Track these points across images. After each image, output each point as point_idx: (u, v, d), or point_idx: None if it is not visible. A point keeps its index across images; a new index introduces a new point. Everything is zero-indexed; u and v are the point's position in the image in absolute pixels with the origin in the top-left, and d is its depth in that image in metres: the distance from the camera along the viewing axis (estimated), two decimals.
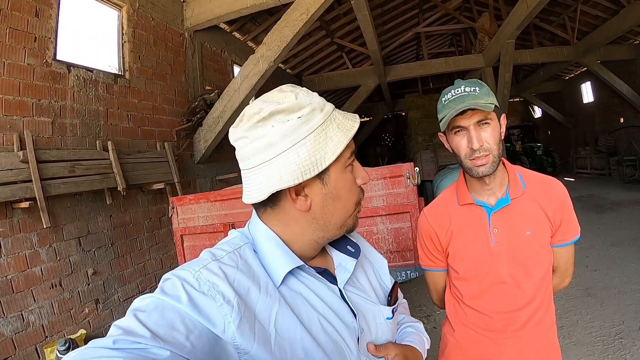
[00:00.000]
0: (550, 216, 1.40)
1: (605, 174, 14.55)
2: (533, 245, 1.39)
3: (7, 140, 3.61)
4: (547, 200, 1.41)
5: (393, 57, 15.36)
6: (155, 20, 5.81)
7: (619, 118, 14.49)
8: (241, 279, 0.74)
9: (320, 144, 0.77)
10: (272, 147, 0.76)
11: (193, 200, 4.04)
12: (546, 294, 1.45)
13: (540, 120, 22.23)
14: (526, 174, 1.48)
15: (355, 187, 0.86)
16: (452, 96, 1.33)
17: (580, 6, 10.68)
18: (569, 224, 1.42)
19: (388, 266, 1.10)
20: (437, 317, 4.62)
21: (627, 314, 4.00)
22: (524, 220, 1.40)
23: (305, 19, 5.95)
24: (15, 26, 3.76)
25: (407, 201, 3.41)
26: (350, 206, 0.86)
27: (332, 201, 0.82)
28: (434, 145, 14.11)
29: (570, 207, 1.43)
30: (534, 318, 1.41)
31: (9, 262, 3.52)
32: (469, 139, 1.32)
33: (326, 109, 0.80)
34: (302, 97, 0.79)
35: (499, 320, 1.44)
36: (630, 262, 5.40)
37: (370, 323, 0.89)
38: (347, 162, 0.83)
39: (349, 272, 0.90)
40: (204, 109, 6.39)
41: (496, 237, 1.40)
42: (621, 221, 7.75)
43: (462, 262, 1.49)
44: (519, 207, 1.41)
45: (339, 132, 0.79)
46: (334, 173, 0.81)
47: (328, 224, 0.84)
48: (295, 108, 0.77)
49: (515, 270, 1.40)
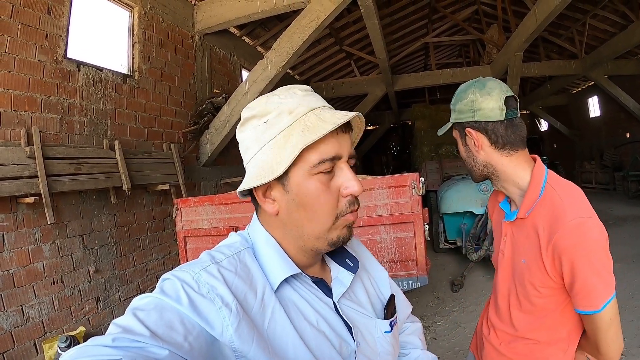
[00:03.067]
0: (546, 261, 1.16)
1: (610, 189, 14.46)
2: (524, 276, 1.24)
3: (15, 136, 3.64)
4: (547, 236, 1.16)
5: (401, 67, 15.38)
6: (166, 22, 5.86)
7: (625, 133, 14.43)
8: (239, 283, 0.74)
9: (280, 148, 0.76)
10: (248, 150, 0.81)
11: (197, 203, 4.05)
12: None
13: (546, 133, 22.16)
14: (550, 193, 1.20)
15: (328, 197, 0.78)
16: None
17: (589, 20, 10.68)
18: (582, 287, 1.10)
19: (390, 276, 1.08)
20: (437, 328, 4.60)
21: (628, 330, 3.96)
22: (522, 245, 1.27)
23: (315, 25, 5.97)
24: (27, 22, 3.80)
25: (411, 211, 3.41)
26: (321, 218, 0.79)
27: (297, 209, 0.79)
28: (439, 156, 14.07)
29: (582, 262, 1.08)
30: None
31: (11, 256, 3.53)
32: None
33: (296, 112, 0.77)
34: (271, 102, 0.79)
35: (486, 326, 1.47)
36: (632, 278, 5.36)
37: (367, 337, 0.87)
38: (315, 169, 0.76)
39: (345, 286, 0.88)
40: (212, 112, 6.42)
41: (503, 244, 1.38)
42: (624, 237, 7.68)
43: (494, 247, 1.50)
44: (524, 230, 1.26)
45: (302, 136, 0.74)
46: (296, 179, 0.77)
47: (301, 234, 0.81)
48: (264, 113, 0.79)
49: (510, 287, 1.33)
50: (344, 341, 0.82)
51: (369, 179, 3.67)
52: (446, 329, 4.58)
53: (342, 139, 0.80)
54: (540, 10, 7.41)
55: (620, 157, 14.26)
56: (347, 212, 0.80)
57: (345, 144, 0.80)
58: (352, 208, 0.81)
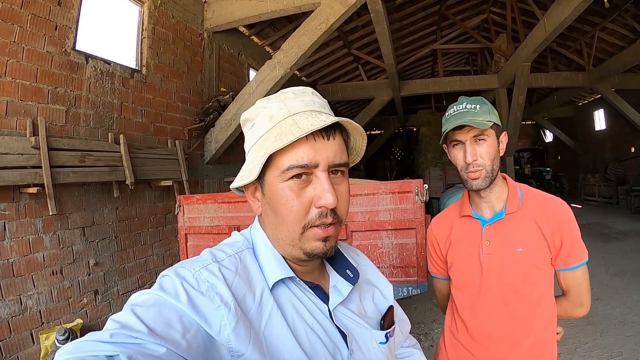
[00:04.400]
0: (547, 236, 1.38)
1: (613, 203, 14.44)
2: (524, 264, 1.39)
3: (21, 125, 3.65)
4: (545, 219, 1.39)
5: (408, 72, 15.38)
6: (176, 18, 5.87)
7: (630, 147, 14.42)
8: (239, 283, 0.74)
9: (259, 152, 0.78)
10: (246, 150, 0.86)
11: (200, 200, 4.05)
12: (546, 333, 1.43)
13: (551, 144, 22.16)
14: (528, 192, 1.48)
15: (297, 204, 0.76)
16: (454, 112, 1.41)
17: (597, 33, 10.69)
18: (572, 247, 1.39)
19: (390, 282, 1.07)
20: (434, 336, 4.58)
21: (626, 345, 3.95)
22: (516, 236, 1.41)
23: (325, 28, 5.98)
24: (37, 13, 3.81)
25: (413, 217, 3.39)
26: (289, 225, 0.77)
27: (271, 213, 0.80)
28: (443, 163, 14.11)
29: (572, 228, 1.39)
30: (529, 356, 1.40)
31: (11, 245, 3.53)
32: (464, 153, 1.40)
33: (276, 116, 0.77)
34: (259, 106, 0.82)
35: (481, 342, 1.46)
36: (632, 293, 5.34)
37: (362, 346, 0.86)
38: (285, 175, 0.75)
39: (342, 296, 0.87)
40: (218, 110, 6.43)
41: (487, 249, 1.44)
42: (626, 251, 7.66)
43: (457, 271, 1.54)
44: (514, 223, 1.42)
45: (273, 142, 0.74)
46: (269, 183, 0.78)
47: (278, 238, 0.81)
48: (252, 117, 0.83)
49: (504, 286, 1.41)
50: (337, 348, 0.81)
51: (373, 183, 3.66)
52: None
53: (321, 146, 0.76)
54: (549, 22, 7.42)
55: (624, 171, 14.24)
56: (317, 223, 0.76)
57: (324, 152, 0.76)
58: (322, 220, 0.76)
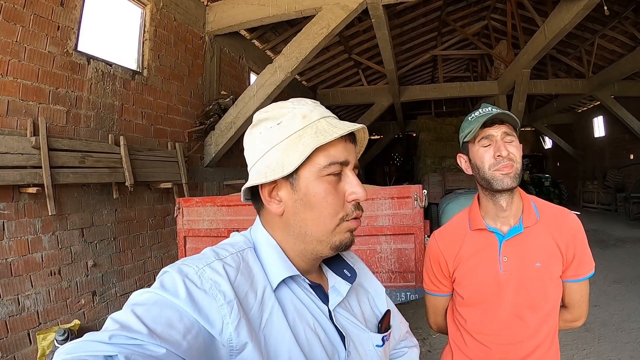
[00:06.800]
0: (562, 249, 1.36)
1: (612, 210, 14.44)
2: (542, 278, 1.35)
3: (21, 125, 3.65)
4: (560, 232, 1.38)
5: (408, 78, 15.40)
6: (178, 21, 5.89)
7: (629, 154, 14.44)
8: (241, 281, 0.74)
9: (292, 148, 0.78)
10: (257, 151, 0.83)
11: (199, 203, 4.05)
12: (550, 331, 1.41)
13: (550, 151, 22.17)
14: (540, 204, 1.45)
15: (335, 199, 0.80)
16: (480, 114, 1.35)
17: (597, 40, 10.73)
18: (583, 259, 1.39)
19: (388, 287, 1.08)
20: (432, 341, 4.57)
21: (623, 352, 3.94)
22: (535, 251, 1.36)
23: (326, 33, 6.00)
24: (40, 13, 3.83)
25: (412, 223, 3.38)
26: (326, 219, 0.81)
27: (303, 209, 0.80)
28: (442, 169, 14.11)
29: (584, 241, 1.40)
30: (534, 354, 1.38)
31: (10, 245, 3.53)
32: (496, 148, 1.32)
33: (309, 117, 0.81)
34: (285, 107, 0.84)
35: (497, 352, 1.41)
36: (630, 300, 5.34)
37: (359, 348, 0.87)
38: (325, 170, 0.79)
39: (341, 295, 0.88)
40: (218, 113, 6.43)
41: (505, 265, 1.37)
42: (624, 258, 7.66)
43: (468, 288, 1.45)
44: (531, 237, 1.38)
45: (314, 138, 0.77)
46: (305, 179, 0.80)
47: (304, 235, 0.82)
48: (278, 115, 0.82)
49: (520, 302, 1.36)
50: (335, 349, 0.82)
51: (372, 188, 3.66)
52: (441, 342, 4.54)
53: (349, 147, 0.84)
54: (549, 29, 7.44)
55: (623, 179, 14.26)
56: (352, 216, 0.83)
57: (351, 153, 0.84)
58: (356, 213, 0.83)
